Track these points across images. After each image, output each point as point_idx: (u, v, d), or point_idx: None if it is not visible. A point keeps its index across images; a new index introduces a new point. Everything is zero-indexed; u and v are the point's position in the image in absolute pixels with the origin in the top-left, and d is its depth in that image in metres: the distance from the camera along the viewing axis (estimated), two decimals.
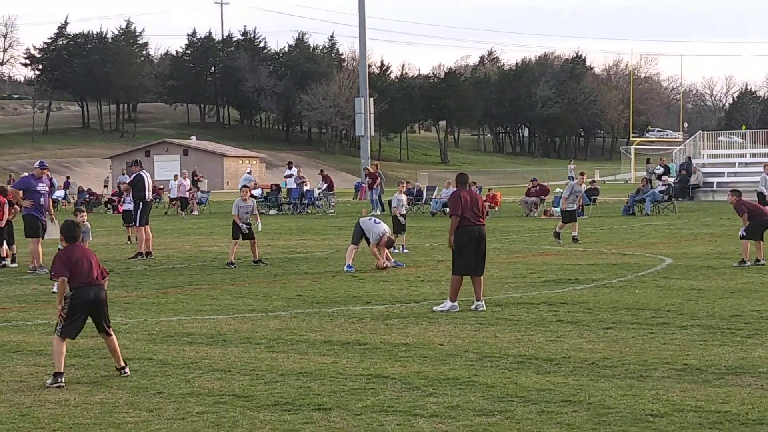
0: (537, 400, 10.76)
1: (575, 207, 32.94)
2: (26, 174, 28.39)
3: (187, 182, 58.44)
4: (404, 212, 28.53)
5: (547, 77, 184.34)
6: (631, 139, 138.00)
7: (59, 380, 11.92)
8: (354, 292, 20.07)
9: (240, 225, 26.03)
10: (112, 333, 12.55)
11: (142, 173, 29.71)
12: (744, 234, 23.90)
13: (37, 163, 27.69)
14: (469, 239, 17.70)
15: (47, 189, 26.89)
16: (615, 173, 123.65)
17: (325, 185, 57.26)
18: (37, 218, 25.95)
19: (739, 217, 24.45)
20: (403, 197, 28.99)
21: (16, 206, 26.71)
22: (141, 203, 29.25)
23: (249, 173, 63.40)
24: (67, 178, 74.44)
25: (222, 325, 16.10)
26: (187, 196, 56.89)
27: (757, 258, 23.66)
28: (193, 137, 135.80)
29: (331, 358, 13.25)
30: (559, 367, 12.39)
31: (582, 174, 38.95)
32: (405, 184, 30.53)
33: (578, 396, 10.87)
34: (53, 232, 26.42)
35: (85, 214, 23.90)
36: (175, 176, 59.27)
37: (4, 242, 26.45)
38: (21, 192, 26.24)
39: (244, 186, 29.76)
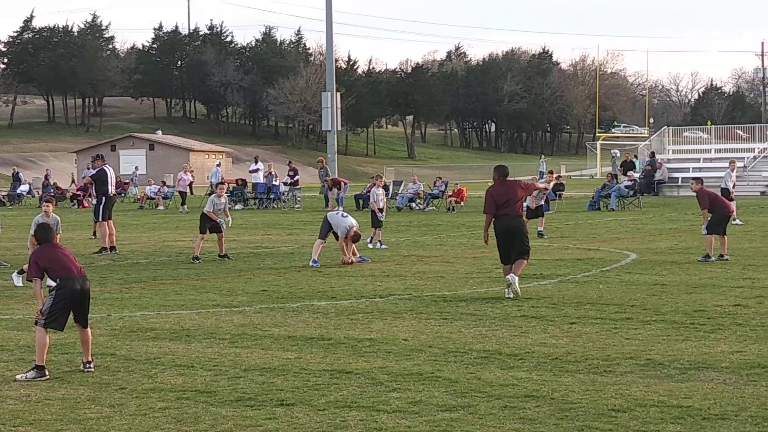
0: (500, 395, 10.76)
1: (542, 203, 32.99)
2: None
3: (188, 176, 57.62)
4: (381, 206, 28.43)
5: (513, 72, 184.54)
6: (597, 134, 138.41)
7: (44, 373, 11.94)
8: (319, 287, 20.03)
9: (212, 219, 25.98)
10: (89, 326, 12.56)
11: (105, 168, 29.57)
12: (706, 230, 23.96)
13: None
14: (500, 233, 18.63)
15: None
16: (581, 168, 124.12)
17: (295, 176, 57.12)
18: None
19: (701, 209, 24.43)
20: (381, 191, 28.93)
21: None
22: (104, 198, 29.14)
23: (218, 166, 63.20)
24: (47, 170, 74.07)
25: (186, 321, 16.04)
26: (187, 190, 56.38)
27: (721, 253, 23.74)
28: (159, 132, 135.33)
29: (295, 353, 13.21)
30: (523, 362, 12.40)
31: (551, 172, 39.01)
32: (382, 179, 30.47)
33: (541, 391, 10.88)
34: None
35: (52, 205, 23.86)
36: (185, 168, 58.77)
37: None
38: None
39: (220, 183, 29.59)
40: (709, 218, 23.90)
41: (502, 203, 18.42)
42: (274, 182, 56.40)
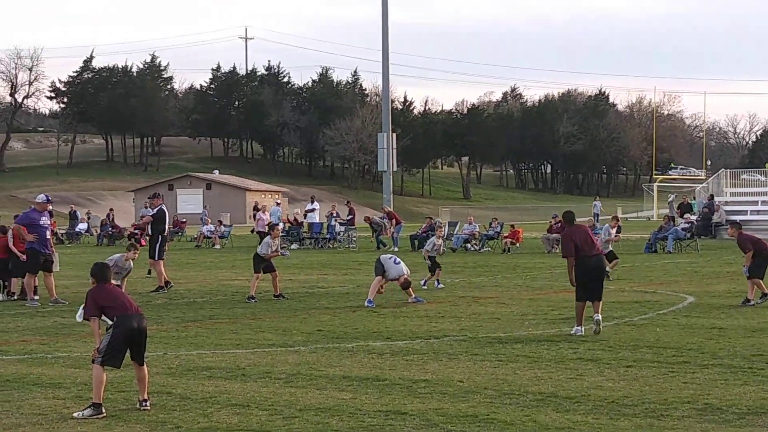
0: None
1: (609, 248, 32.74)
2: (28, 209, 28.40)
3: (267, 216, 55.64)
4: (434, 255, 28.58)
5: (569, 114, 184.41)
6: (654, 176, 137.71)
7: (101, 411, 11.97)
8: (374, 327, 20.02)
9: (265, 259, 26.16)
10: (145, 364, 12.58)
11: (163, 207, 29.96)
12: (748, 272, 23.69)
13: (42, 197, 27.63)
14: (584, 272, 18.74)
15: (49, 223, 27.08)
16: (638, 210, 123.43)
17: (350, 216, 57.22)
18: (39, 252, 26.03)
19: (745, 253, 24.20)
20: (440, 242, 29.40)
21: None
22: (160, 237, 29.39)
23: (278, 205, 63.34)
24: (110, 210, 74.49)
25: (241, 360, 16.08)
26: (266, 230, 54.99)
27: (764, 293, 23.46)
28: (216, 171, 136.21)
29: (350, 393, 13.21)
30: (579, 405, 12.32)
31: (615, 218, 38.52)
32: (442, 230, 31.14)
33: None
34: (57, 264, 26.86)
35: (136, 253, 24.40)
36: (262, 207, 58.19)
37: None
38: (24, 227, 26.31)
39: (276, 225, 29.94)
40: (751, 261, 23.64)
41: (582, 244, 18.67)
42: (334, 222, 56.38)
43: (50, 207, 27.30)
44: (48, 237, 26.41)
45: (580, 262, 18.70)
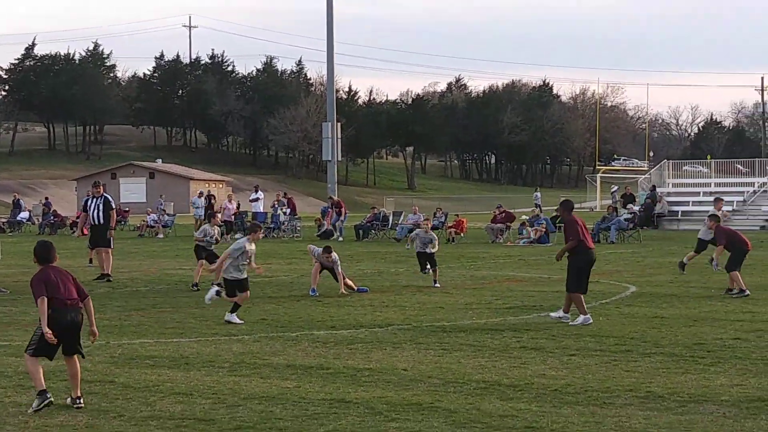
0: (500, 426, 10.74)
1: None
2: None
3: (233, 205, 56.43)
4: (423, 250, 26.65)
5: (514, 105, 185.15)
6: (597, 167, 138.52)
7: (47, 396, 11.60)
8: (318, 316, 20.01)
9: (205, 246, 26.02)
10: (76, 359, 12.06)
11: (107, 195, 29.87)
12: (726, 268, 23.84)
13: None
14: (587, 262, 19.04)
15: None
16: (581, 201, 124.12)
17: (289, 209, 57.16)
18: None
19: (717, 245, 24.44)
20: (428, 234, 27.12)
21: None
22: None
23: (200, 196, 63.12)
24: (46, 198, 73.86)
25: (185, 348, 16.02)
26: (232, 219, 54.51)
27: (729, 288, 23.66)
28: (159, 160, 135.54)
29: (294, 382, 13.19)
30: (522, 394, 12.37)
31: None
32: (430, 222, 30.59)
33: (541, 422, 10.87)
34: None
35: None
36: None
37: None
38: None
39: (215, 214, 29.88)
40: (730, 254, 23.86)
41: (586, 234, 19.09)
42: (280, 211, 56.31)
43: None
44: None
45: (584, 251, 18.94)
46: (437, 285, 26.01)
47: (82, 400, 11.90)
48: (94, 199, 29.52)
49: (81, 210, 30.83)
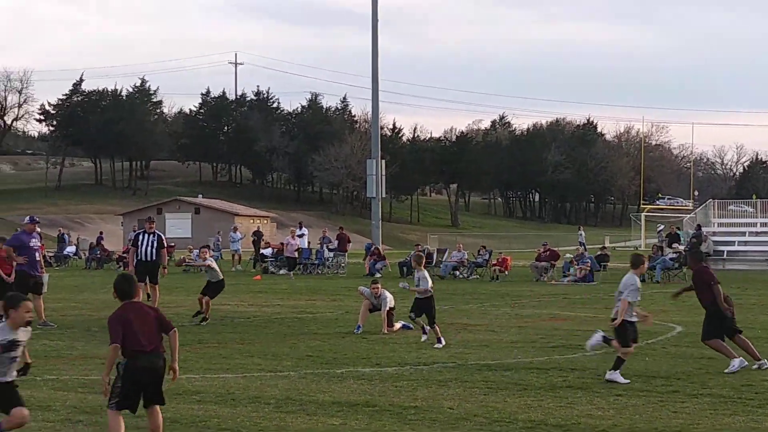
0: None
1: None
2: (17, 231, 28.25)
3: (297, 241, 54.58)
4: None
5: (558, 143, 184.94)
6: (642, 206, 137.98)
7: None
8: (363, 353, 20.01)
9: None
10: (158, 410, 11.30)
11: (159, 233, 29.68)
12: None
13: (27, 218, 27.61)
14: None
15: (39, 245, 26.87)
16: (625, 239, 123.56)
17: (334, 245, 57.32)
18: (29, 274, 25.94)
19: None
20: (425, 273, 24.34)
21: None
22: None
23: (235, 231, 63.32)
24: (100, 233, 74.11)
25: (231, 384, 16.07)
26: (295, 255, 53.31)
27: None
28: (200, 195, 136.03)
29: (340, 419, 13.20)
30: None
31: None
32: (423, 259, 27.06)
33: None
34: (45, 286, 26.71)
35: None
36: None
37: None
38: (13, 249, 26.21)
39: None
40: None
41: None
42: (324, 248, 56.47)
43: (37, 228, 27.18)
44: (38, 259, 26.30)
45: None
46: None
47: None
48: (147, 236, 28.78)
49: (130, 245, 30.52)
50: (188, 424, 12.85)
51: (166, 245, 29.57)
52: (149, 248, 28.58)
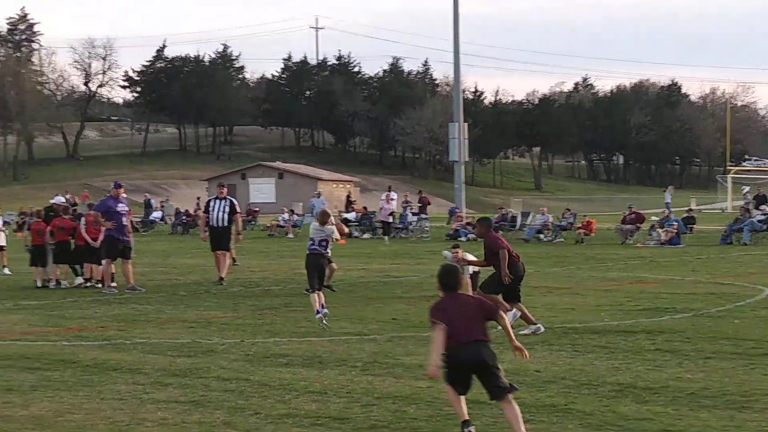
0: (636, 429, 10.64)
1: None
2: (105, 197, 28.44)
3: (392, 205, 54.06)
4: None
5: (641, 104, 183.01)
6: (728, 167, 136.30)
7: (467, 426, 10.32)
8: None
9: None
10: (510, 399, 10.38)
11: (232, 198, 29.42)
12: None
13: (112, 183, 27.94)
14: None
15: (126, 209, 27.04)
16: (711, 202, 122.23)
17: (420, 206, 57.38)
18: (117, 239, 26.17)
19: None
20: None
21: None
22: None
23: (318, 195, 63.26)
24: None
25: (317, 348, 16.14)
26: (390, 219, 53.37)
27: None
28: (279, 161, 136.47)
29: (427, 382, 13.16)
30: (658, 397, 12.22)
31: None
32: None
33: (678, 426, 10.73)
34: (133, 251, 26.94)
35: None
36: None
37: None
38: (102, 214, 26.49)
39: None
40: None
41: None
42: (408, 211, 56.50)
43: (123, 192, 27.39)
44: (125, 224, 26.53)
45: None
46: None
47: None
48: (219, 201, 28.68)
49: (203, 211, 30.43)
50: (276, 387, 12.92)
51: (239, 210, 29.28)
52: (221, 214, 28.46)
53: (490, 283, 18.43)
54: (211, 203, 28.83)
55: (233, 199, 29.09)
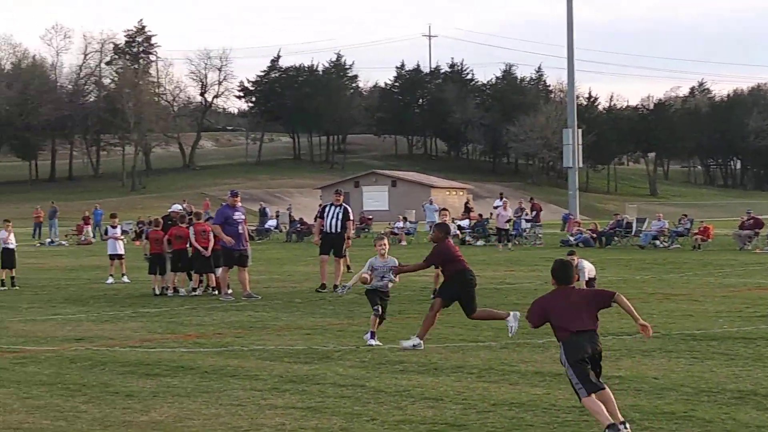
0: None
1: None
2: (222, 205, 28.74)
3: (509, 212, 52.57)
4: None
5: (760, 108, 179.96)
6: None
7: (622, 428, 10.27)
8: None
9: None
10: (605, 387, 10.64)
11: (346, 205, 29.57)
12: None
13: (229, 192, 28.21)
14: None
15: (243, 218, 27.28)
16: None
17: (534, 213, 57.08)
18: (234, 248, 26.39)
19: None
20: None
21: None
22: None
23: (430, 203, 63.15)
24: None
25: (433, 354, 16.15)
26: (507, 226, 51.42)
27: None
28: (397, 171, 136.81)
29: (543, 389, 13.13)
30: None
31: None
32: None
33: None
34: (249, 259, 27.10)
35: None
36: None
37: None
38: (220, 227, 26.73)
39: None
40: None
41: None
42: (524, 218, 56.21)
43: (239, 201, 27.67)
44: (241, 232, 26.76)
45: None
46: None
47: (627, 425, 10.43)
48: (334, 208, 28.78)
49: (317, 216, 30.61)
50: (392, 393, 12.95)
51: (351, 217, 29.37)
52: (334, 220, 28.56)
53: (444, 290, 18.01)
54: (327, 209, 29.00)
55: (347, 206, 29.24)
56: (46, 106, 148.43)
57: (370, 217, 72.92)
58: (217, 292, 26.93)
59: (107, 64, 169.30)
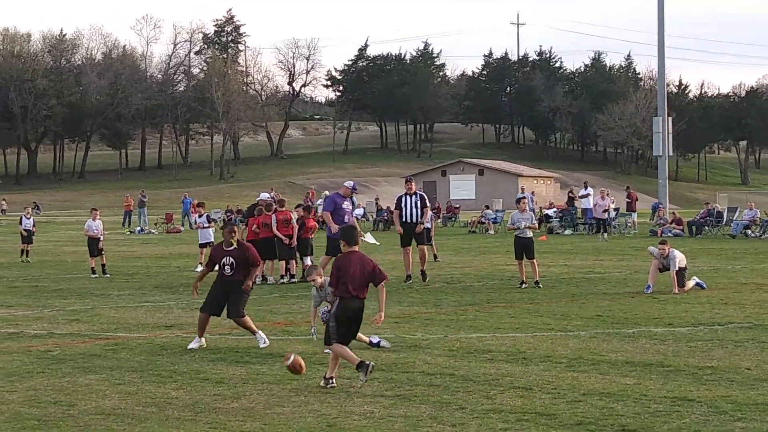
0: None
1: None
2: (332, 192, 28.91)
3: (606, 201, 50.94)
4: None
5: None
6: None
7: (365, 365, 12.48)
8: (654, 313, 19.66)
9: None
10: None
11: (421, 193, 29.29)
12: None
13: (349, 183, 28.20)
14: None
15: (350, 208, 27.36)
16: None
17: (628, 201, 56.60)
18: (335, 237, 26.43)
19: None
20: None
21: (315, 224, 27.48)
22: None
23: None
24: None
25: (521, 343, 16.07)
26: (605, 216, 49.84)
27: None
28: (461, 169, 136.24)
29: (634, 379, 13.01)
30: None
31: None
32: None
33: None
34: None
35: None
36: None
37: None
38: (330, 214, 26.98)
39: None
40: None
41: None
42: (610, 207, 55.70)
43: (354, 195, 27.84)
44: (346, 221, 26.80)
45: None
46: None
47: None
48: (410, 197, 28.14)
49: (394, 207, 30.37)
50: (481, 382, 12.91)
51: (428, 204, 28.97)
52: (413, 209, 28.04)
53: None
54: (403, 199, 28.48)
55: (423, 193, 28.85)
56: (136, 95, 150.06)
57: (458, 206, 72.78)
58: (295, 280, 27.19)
59: (196, 53, 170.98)
